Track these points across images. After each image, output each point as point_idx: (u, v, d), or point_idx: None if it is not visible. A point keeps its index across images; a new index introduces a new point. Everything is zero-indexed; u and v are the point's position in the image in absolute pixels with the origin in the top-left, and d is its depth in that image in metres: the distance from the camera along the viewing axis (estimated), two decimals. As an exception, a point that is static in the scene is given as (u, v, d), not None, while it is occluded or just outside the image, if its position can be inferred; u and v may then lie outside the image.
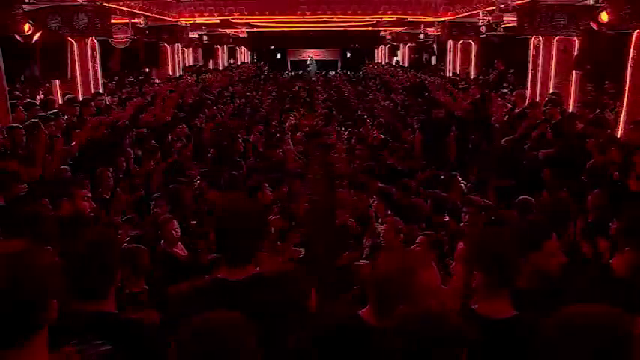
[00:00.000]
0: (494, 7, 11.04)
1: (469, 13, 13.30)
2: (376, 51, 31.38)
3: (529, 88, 10.24)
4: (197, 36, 19.35)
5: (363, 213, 5.33)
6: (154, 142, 8.25)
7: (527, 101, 9.41)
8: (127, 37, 11.99)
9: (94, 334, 1.92)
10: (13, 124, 6.57)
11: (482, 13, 12.30)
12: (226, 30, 20.83)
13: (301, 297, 2.31)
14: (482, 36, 13.53)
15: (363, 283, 4.17)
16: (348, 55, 36.03)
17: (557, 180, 5.80)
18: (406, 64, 21.88)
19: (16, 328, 1.53)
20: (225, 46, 23.97)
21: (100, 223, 4.81)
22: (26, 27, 7.77)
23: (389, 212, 5.21)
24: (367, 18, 17.01)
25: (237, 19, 15.94)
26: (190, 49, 19.47)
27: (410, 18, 15.66)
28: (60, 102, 9.27)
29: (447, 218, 4.99)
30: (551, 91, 9.60)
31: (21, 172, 5.16)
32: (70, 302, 2.06)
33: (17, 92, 11.05)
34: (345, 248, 5.22)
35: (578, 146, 6.43)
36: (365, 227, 5.13)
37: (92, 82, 9.92)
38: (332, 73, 32.05)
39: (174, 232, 4.56)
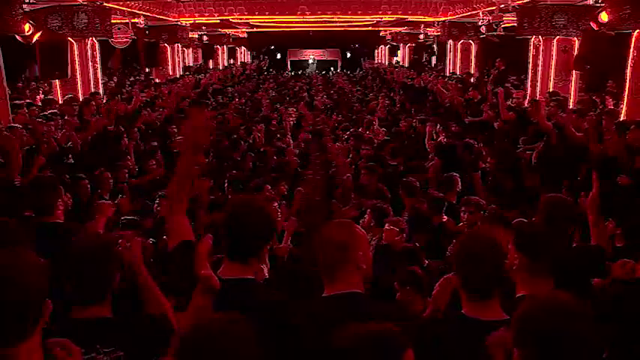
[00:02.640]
0: (494, 7, 11.05)
1: (469, 13, 13.32)
2: (376, 51, 31.39)
3: (529, 88, 10.25)
4: (197, 36, 19.37)
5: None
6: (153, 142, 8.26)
7: (526, 102, 9.42)
8: (127, 37, 12.00)
9: (101, 342, 1.93)
10: (13, 124, 6.58)
11: (482, 13, 12.31)
12: (226, 30, 20.85)
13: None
14: (482, 36, 13.54)
15: None
16: (348, 55, 36.06)
17: (555, 180, 5.81)
18: (406, 64, 21.88)
19: (12, 327, 1.58)
20: (225, 46, 23.99)
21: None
22: (26, 27, 7.77)
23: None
24: (367, 18, 17.02)
25: (237, 19, 15.95)
26: (190, 49, 19.48)
27: (410, 18, 15.67)
28: (60, 102, 9.29)
29: (445, 218, 4.98)
30: (551, 90, 9.61)
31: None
32: (69, 309, 2.08)
33: (17, 93, 11.06)
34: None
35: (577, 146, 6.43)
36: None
37: (92, 82, 9.93)
38: (332, 72, 32.08)
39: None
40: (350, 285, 2.12)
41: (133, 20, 12.31)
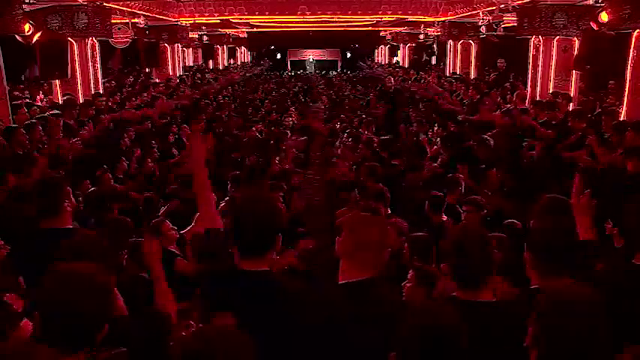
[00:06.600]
0: (494, 7, 11.05)
1: (469, 13, 13.30)
2: (376, 51, 31.38)
3: (529, 88, 10.24)
4: (197, 36, 19.35)
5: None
6: (153, 142, 8.26)
7: (526, 102, 9.42)
8: (127, 37, 11.99)
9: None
10: (12, 125, 6.56)
11: (482, 13, 12.31)
12: (226, 30, 20.84)
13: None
14: (482, 36, 13.54)
15: None
16: (348, 55, 36.06)
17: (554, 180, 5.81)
18: (406, 65, 21.86)
19: (77, 339, 1.70)
20: (225, 46, 23.98)
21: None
22: (26, 27, 7.76)
23: (389, 212, 5.20)
24: (367, 18, 17.01)
25: (237, 19, 15.94)
26: (190, 49, 19.47)
27: (410, 18, 15.66)
28: (60, 102, 9.27)
29: (444, 217, 4.97)
30: (551, 91, 9.61)
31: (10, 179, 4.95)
32: None
33: (17, 93, 11.04)
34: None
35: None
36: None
37: (92, 82, 9.92)
38: (333, 73, 32.09)
39: (170, 232, 4.49)
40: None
41: (133, 20, 12.29)
